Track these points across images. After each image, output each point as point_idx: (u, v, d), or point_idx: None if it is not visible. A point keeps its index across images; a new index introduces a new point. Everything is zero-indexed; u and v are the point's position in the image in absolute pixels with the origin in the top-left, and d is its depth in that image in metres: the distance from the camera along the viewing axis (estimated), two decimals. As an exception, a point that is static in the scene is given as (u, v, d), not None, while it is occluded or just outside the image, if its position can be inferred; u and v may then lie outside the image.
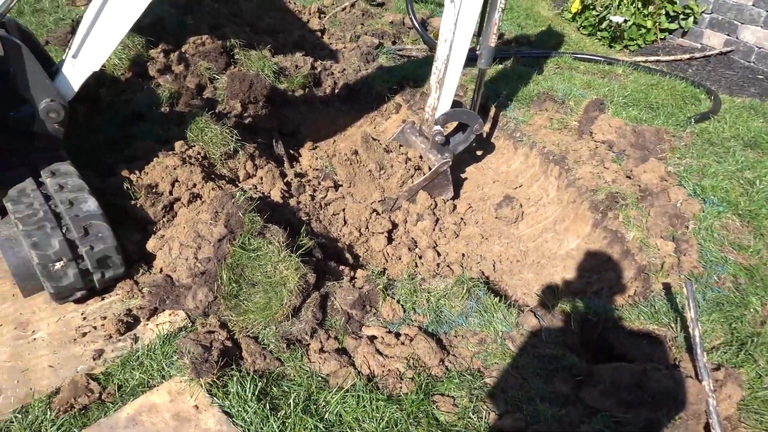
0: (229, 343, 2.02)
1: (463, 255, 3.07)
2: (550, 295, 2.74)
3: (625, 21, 5.26)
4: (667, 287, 2.52)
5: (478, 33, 3.27)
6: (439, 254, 3.05)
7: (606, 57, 4.91)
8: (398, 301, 2.24)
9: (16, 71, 2.15)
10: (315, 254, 2.44)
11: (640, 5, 5.29)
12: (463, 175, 3.83)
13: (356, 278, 2.41)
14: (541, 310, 2.33)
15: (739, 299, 2.41)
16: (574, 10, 5.84)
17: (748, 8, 4.89)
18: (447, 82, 3.17)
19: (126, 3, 2.21)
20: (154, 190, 2.58)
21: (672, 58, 5.07)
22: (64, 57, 2.31)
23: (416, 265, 2.93)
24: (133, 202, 2.48)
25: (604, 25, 5.45)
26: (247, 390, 1.86)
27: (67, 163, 2.32)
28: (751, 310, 2.35)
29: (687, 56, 5.08)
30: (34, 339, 2.10)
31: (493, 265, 3.02)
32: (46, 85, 2.20)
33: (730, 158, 3.39)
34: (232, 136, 3.05)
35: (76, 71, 2.30)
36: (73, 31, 3.23)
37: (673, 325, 2.25)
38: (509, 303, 2.62)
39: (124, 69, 3.75)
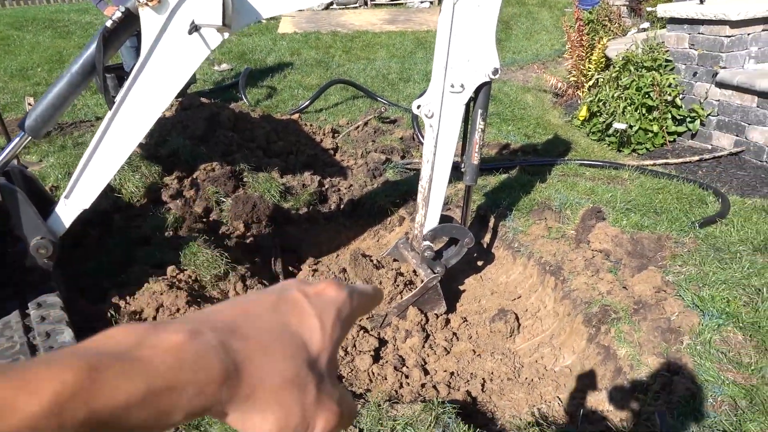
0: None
1: (452, 373, 2.98)
2: (540, 418, 2.60)
3: (630, 126, 5.33)
4: (661, 413, 2.35)
5: (462, 151, 3.40)
6: (426, 372, 2.98)
7: (611, 162, 4.94)
8: (361, 430, 2.17)
9: (11, 213, 2.37)
10: (286, 379, 2.43)
11: (644, 111, 5.37)
12: (461, 287, 3.80)
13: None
14: (515, 438, 2.21)
15: (736, 426, 2.22)
16: (581, 118, 5.98)
17: (753, 110, 4.88)
18: (432, 199, 3.26)
19: (109, 157, 2.46)
20: (137, 317, 2.68)
21: (681, 160, 5.04)
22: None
23: (401, 386, 2.86)
24: (113, 329, 2.57)
25: (611, 131, 5.53)
26: None
27: (54, 295, 2.47)
28: (748, 438, 2.15)
29: (696, 158, 5.04)
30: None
31: (482, 385, 2.91)
32: (37, 224, 2.40)
33: (736, 265, 3.25)
34: (223, 259, 3.18)
35: (67, 210, 2.51)
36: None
37: (656, 456, 2.08)
38: (495, 429, 2.51)
39: (140, 196, 4.04)
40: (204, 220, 3.87)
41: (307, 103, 6.46)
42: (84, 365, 0.33)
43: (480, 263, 3.97)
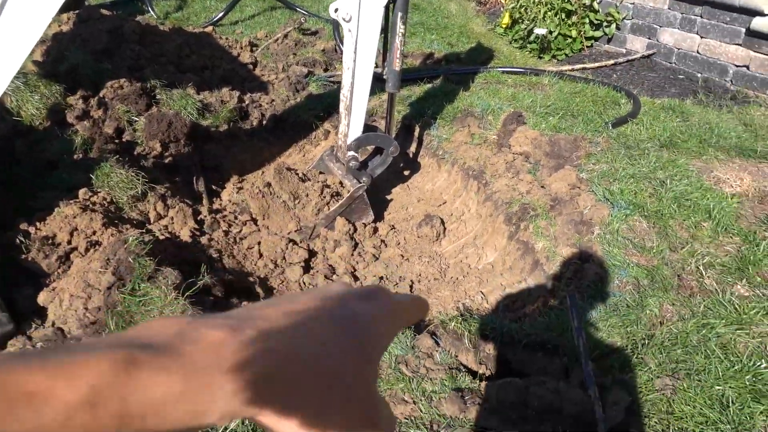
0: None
1: (382, 278, 3.07)
2: (464, 311, 2.75)
3: (550, 32, 5.37)
4: (571, 295, 2.54)
5: (383, 60, 3.33)
6: (357, 279, 3.05)
7: (532, 68, 5.00)
8: (292, 334, 2.22)
9: None
10: (214, 292, 2.43)
11: (563, 16, 5.41)
12: (388, 197, 3.85)
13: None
14: (440, 329, 2.33)
15: (638, 302, 2.43)
16: (504, 25, 5.96)
17: (664, 12, 5.02)
18: (355, 108, 3.20)
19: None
20: (50, 242, 2.55)
21: (597, 64, 5.18)
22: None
23: (332, 293, 2.92)
24: (24, 255, 2.45)
25: (532, 38, 5.56)
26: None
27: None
28: (648, 312, 2.37)
29: (611, 62, 5.19)
30: None
31: (411, 286, 3.03)
32: None
33: (644, 160, 3.45)
34: (139, 179, 3.04)
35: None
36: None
37: (567, 335, 2.27)
38: (423, 323, 2.63)
39: (42, 118, 3.73)
40: (116, 141, 3.65)
41: (221, 14, 6.06)
42: (122, 357, 0.31)
43: (406, 172, 4.02)
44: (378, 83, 3.62)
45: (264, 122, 4.28)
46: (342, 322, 0.42)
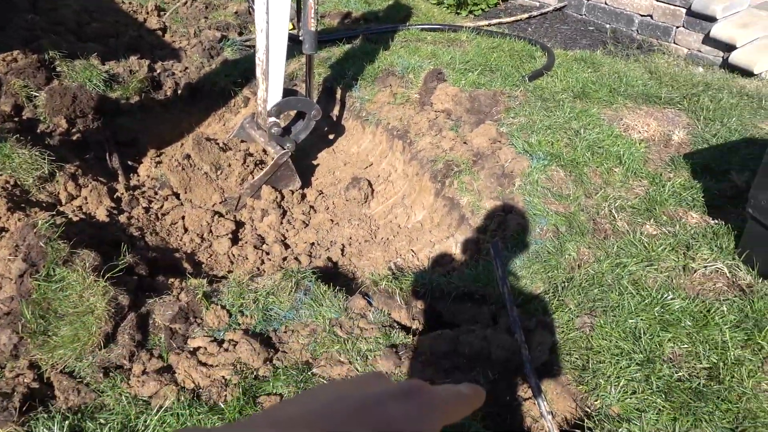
0: (36, 385, 1.90)
1: (313, 244, 3.07)
2: (395, 270, 2.80)
3: (467, -13, 5.38)
4: (494, 245, 2.63)
5: (298, 18, 3.24)
6: (287, 247, 3.03)
7: (450, 25, 5.02)
8: (223, 307, 2.20)
9: None
10: (138, 271, 2.35)
11: (478, -30, 5.43)
12: (314, 162, 3.81)
13: (185, 289, 2.33)
14: (372, 289, 2.37)
15: (557, 247, 2.56)
16: (421, -19, 5.90)
17: (573, -37, 5.15)
18: (272, 72, 3.11)
19: None
20: (-51, 232, 2.37)
21: (513, 18, 5.26)
22: None
23: (263, 263, 2.89)
24: None
25: (449, -7, 5.56)
26: (56, 431, 1.76)
27: None
28: (567, 256, 2.50)
29: (526, 15, 5.29)
30: None
31: (342, 250, 3.04)
32: None
33: (559, 111, 3.57)
34: (45, 158, 2.85)
35: None
36: None
37: (493, 284, 2.36)
38: (356, 285, 2.66)
39: (-75, 99, 3.40)
40: (15, 119, 3.38)
41: (122, -23, 5.65)
42: None
43: (331, 136, 3.97)
44: (296, 46, 3.53)
45: (179, 91, 4.09)
46: None
